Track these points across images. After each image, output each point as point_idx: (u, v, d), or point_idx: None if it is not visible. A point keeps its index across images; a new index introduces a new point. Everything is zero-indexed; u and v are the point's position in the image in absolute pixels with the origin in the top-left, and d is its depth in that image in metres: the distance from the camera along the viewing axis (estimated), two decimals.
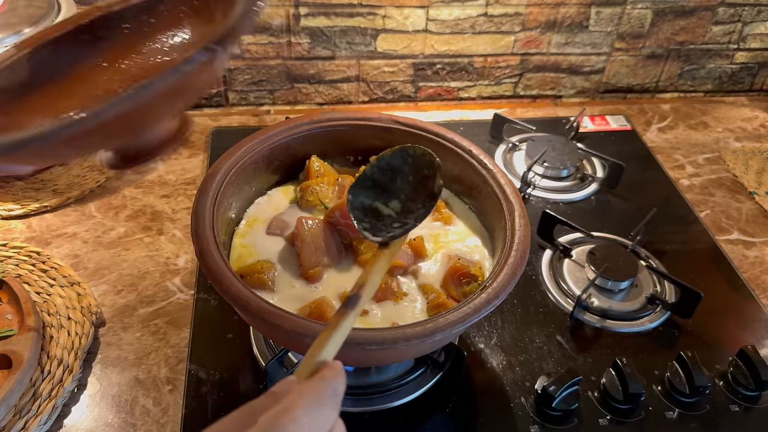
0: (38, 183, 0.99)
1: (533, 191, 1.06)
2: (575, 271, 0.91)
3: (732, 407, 0.77)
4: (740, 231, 1.02)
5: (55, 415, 0.71)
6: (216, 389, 0.74)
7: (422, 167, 0.67)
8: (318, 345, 0.47)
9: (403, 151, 0.68)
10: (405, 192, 0.67)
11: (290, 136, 0.80)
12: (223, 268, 0.62)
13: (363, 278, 0.56)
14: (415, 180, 0.67)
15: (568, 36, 1.22)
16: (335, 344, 0.48)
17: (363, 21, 1.13)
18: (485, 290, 0.62)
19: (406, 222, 0.64)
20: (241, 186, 0.77)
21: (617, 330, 0.84)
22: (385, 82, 1.22)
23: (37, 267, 0.86)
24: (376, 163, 0.68)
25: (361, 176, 0.67)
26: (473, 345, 0.81)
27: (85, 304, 0.81)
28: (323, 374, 0.44)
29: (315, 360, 0.46)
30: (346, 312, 0.51)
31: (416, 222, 0.64)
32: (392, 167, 0.68)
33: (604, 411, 0.75)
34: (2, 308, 0.79)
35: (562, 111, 1.27)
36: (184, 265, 0.89)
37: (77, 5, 0.99)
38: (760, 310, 0.89)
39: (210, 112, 1.20)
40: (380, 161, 0.68)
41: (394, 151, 0.68)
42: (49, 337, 0.77)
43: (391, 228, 0.64)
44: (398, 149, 0.68)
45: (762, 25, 1.27)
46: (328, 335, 0.48)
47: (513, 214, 0.70)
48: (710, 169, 1.15)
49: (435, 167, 0.66)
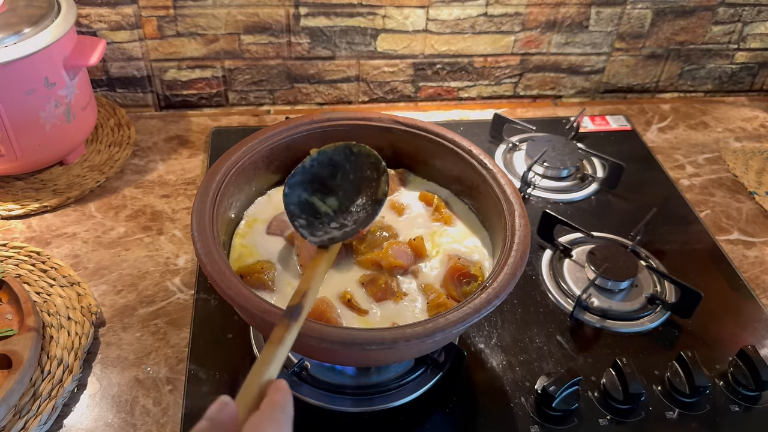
0: (38, 183, 0.99)
1: (533, 191, 1.06)
2: (575, 271, 0.91)
3: (732, 407, 0.77)
4: (740, 231, 1.02)
5: (55, 415, 0.71)
6: (216, 389, 0.74)
7: (365, 167, 0.65)
8: (262, 363, 0.45)
9: (346, 148, 0.66)
10: (344, 190, 0.65)
11: (290, 136, 0.79)
12: (223, 268, 0.62)
13: (303, 285, 0.53)
14: (356, 179, 0.65)
15: (568, 36, 1.22)
16: (279, 360, 0.46)
17: (363, 21, 1.13)
18: (485, 290, 0.62)
19: (345, 224, 0.62)
20: (241, 186, 0.77)
21: (617, 330, 0.84)
22: (385, 82, 1.22)
23: (37, 267, 0.86)
24: (317, 156, 0.65)
25: (299, 169, 0.64)
26: (473, 345, 0.81)
27: (85, 304, 0.81)
28: (274, 400, 0.42)
29: (260, 379, 0.44)
30: (289, 324, 0.49)
31: (357, 226, 0.61)
32: (333, 162, 0.65)
33: (604, 411, 0.75)
34: (2, 308, 0.79)
35: (562, 111, 1.27)
36: (184, 265, 0.89)
37: (77, 5, 0.99)
38: (760, 310, 0.89)
39: (210, 112, 1.20)
40: (321, 155, 0.65)
41: (337, 146, 0.65)
42: (49, 337, 0.77)
43: (328, 228, 0.62)
44: (342, 145, 0.66)
45: (762, 25, 1.27)
46: (273, 351, 0.46)
47: (513, 214, 0.70)
48: (710, 169, 1.15)
49: (380, 171, 0.64)
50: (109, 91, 1.16)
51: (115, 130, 1.10)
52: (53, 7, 0.90)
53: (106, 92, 1.16)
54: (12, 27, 0.85)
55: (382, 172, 0.64)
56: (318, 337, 0.57)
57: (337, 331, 0.58)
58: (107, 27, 1.08)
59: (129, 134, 1.10)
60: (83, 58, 0.92)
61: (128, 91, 1.16)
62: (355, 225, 0.62)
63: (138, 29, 1.09)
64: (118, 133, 1.10)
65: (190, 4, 1.07)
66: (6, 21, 0.85)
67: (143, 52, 1.12)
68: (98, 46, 0.95)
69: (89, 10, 1.05)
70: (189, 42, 1.12)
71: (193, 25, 1.10)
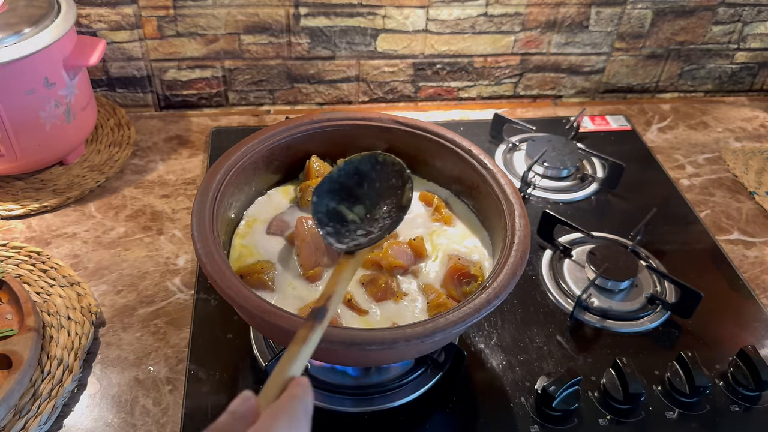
0: (38, 183, 0.99)
1: (533, 191, 1.06)
2: (575, 271, 0.91)
3: (732, 407, 0.77)
4: (740, 231, 1.02)
5: (55, 415, 0.71)
6: (216, 389, 0.74)
7: (390, 176, 0.66)
8: (286, 360, 0.46)
9: (372, 157, 0.67)
10: (370, 198, 0.66)
11: (290, 136, 0.80)
12: (223, 269, 0.62)
13: (329, 289, 0.54)
14: (381, 187, 0.66)
15: (568, 36, 1.22)
16: (303, 359, 0.47)
17: (363, 21, 1.13)
18: (485, 290, 0.62)
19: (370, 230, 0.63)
20: (241, 186, 0.77)
21: (617, 330, 0.84)
22: (385, 82, 1.22)
23: (37, 267, 0.86)
24: (344, 167, 0.67)
25: (326, 178, 0.66)
26: (473, 345, 0.81)
27: (85, 304, 0.81)
28: (294, 393, 0.43)
29: (283, 376, 0.45)
30: (313, 325, 0.50)
31: (383, 233, 0.62)
32: (360, 172, 0.67)
33: (604, 411, 0.75)
34: (2, 308, 0.79)
35: (562, 111, 1.27)
36: (184, 265, 0.89)
37: (77, 5, 0.99)
38: (760, 310, 0.89)
39: (210, 112, 1.20)
40: (348, 165, 0.67)
41: (363, 156, 0.67)
42: (49, 337, 0.77)
43: (355, 235, 0.63)
44: (367, 154, 0.67)
45: (762, 25, 1.27)
46: (297, 350, 0.47)
47: (513, 214, 0.70)
48: (710, 169, 1.15)
49: (405, 178, 0.65)
50: (109, 91, 1.16)
51: (115, 130, 1.10)
52: (53, 7, 0.90)
53: (106, 92, 1.16)
54: (12, 27, 0.85)
55: (407, 180, 0.66)
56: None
57: (337, 331, 0.58)
58: (107, 27, 1.08)
59: (129, 134, 1.10)
60: (83, 58, 0.92)
61: (128, 91, 1.16)
62: (380, 231, 0.63)
63: (138, 29, 1.09)
64: (118, 133, 1.10)
65: (190, 4, 1.07)
66: (6, 21, 0.85)
67: (143, 52, 1.12)
68: (98, 46, 0.95)
69: (89, 10, 1.05)
70: (189, 42, 1.12)
71: (193, 25, 1.10)
